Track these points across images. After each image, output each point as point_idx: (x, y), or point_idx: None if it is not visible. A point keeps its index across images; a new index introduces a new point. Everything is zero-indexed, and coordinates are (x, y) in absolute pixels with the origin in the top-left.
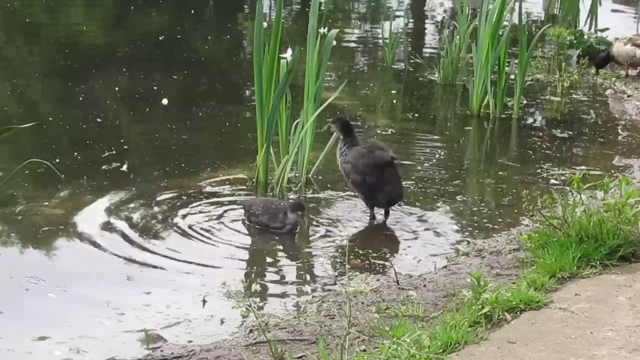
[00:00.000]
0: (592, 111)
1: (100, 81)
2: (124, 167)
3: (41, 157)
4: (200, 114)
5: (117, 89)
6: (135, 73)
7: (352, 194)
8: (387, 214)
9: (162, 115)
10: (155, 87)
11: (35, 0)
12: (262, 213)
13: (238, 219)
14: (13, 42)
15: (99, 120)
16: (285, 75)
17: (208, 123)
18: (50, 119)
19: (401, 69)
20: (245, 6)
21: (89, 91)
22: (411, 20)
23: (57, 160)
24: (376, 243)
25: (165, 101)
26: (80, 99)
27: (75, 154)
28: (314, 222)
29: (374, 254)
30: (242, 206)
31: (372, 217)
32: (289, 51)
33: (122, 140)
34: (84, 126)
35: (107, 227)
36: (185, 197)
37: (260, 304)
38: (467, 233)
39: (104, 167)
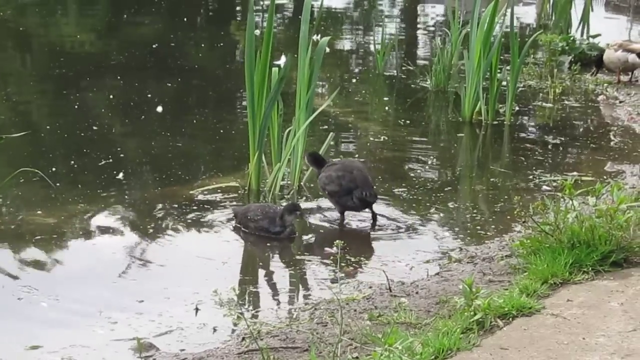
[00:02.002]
0: (584, 117)
1: (94, 89)
2: (120, 176)
3: (35, 166)
4: (194, 121)
5: (111, 97)
6: (129, 81)
7: None
8: (374, 218)
9: (155, 123)
10: (149, 95)
11: (28, 9)
12: (262, 218)
13: (230, 227)
14: (6, 51)
15: (93, 128)
16: (277, 82)
17: (201, 130)
18: (45, 127)
19: (393, 76)
20: (238, 14)
21: (82, 99)
22: (403, 28)
23: (53, 169)
24: (368, 250)
25: (159, 108)
26: (76, 107)
27: (69, 162)
28: (306, 230)
29: (366, 261)
30: (234, 214)
31: (342, 222)
32: (283, 58)
33: (115, 148)
34: (78, 134)
35: (100, 235)
36: (177, 205)
37: (253, 312)
38: (459, 240)
39: (97, 175)
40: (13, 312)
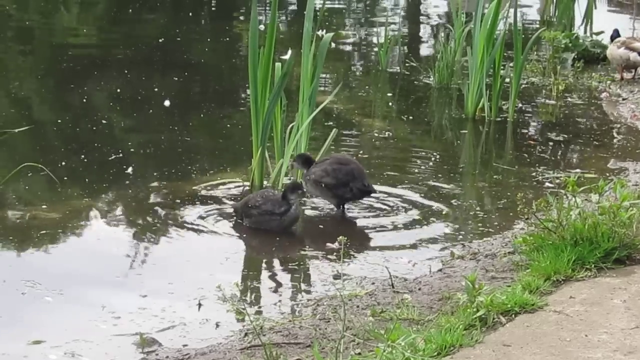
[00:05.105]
0: (587, 114)
1: (100, 83)
2: (129, 170)
3: (40, 161)
4: (201, 115)
5: (118, 91)
6: (135, 75)
7: None
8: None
9: (159, 118)
10: (155, 89)
11: (31, 4)
12: (264, 202)
13: (233, 223)
14: (11, 46)
15: (99, 122)
16: (280, 78)
17: (206, 125)
18: (51, 121)
19: (396, 73)
20: (242, 9)
21: (88, 94)
22: (406, 24)
23: (60, 164)
24: (371, 246)
25: (167, 102)
26: (82, 101)
27: (74, 156)
28: (309, 225)
29: (369, 257)
30: (234, 210)
31: (343, 211)
32: (290, 53)
33: (120, 143)
34: (84, 129)
35: (104, 230)
36: (181, 200)
37: (255, 308)
38: (462, 236)
39: (101, 170)
40: (16, 307)
